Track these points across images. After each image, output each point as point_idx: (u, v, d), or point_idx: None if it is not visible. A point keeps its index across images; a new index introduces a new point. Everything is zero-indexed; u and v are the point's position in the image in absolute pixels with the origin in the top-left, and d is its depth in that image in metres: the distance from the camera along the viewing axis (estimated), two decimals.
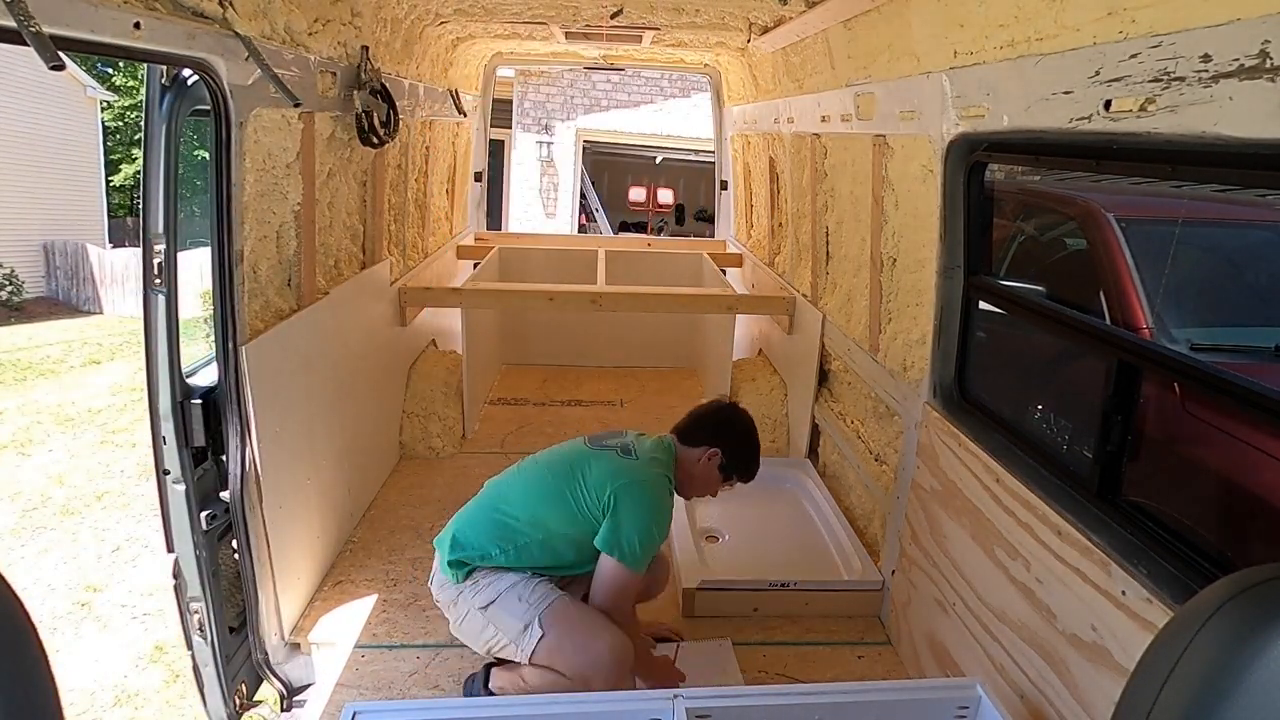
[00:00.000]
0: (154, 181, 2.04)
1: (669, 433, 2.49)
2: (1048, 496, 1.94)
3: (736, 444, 2.45)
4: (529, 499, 2.30)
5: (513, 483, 2.38)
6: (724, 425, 2.48)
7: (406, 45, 3.80)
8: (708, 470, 2.42)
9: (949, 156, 2.37)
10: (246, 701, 2.56)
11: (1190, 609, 0.84)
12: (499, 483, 2.42)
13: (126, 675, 4.32)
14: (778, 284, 4.73)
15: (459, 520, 2.36)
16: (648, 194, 12.49)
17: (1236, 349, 2.49)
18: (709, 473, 2.43)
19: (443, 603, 2.35)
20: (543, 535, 2.26)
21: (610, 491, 2.21)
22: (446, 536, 2.33)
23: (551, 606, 2.21)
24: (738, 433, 2.48)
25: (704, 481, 2.46)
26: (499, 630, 2.22)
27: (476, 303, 4.47)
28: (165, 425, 2.19)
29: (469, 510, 2.38)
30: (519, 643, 2.19)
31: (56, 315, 14.27)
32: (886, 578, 2.89)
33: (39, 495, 6.50)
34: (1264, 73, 1.23)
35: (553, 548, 2.28)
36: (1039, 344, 2.69)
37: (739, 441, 2.46)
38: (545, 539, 2.26)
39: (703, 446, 2.41)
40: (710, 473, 2.43)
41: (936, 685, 2.19)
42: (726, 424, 2.49)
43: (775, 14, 3.54)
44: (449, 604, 2.32)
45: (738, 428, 2.49)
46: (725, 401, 2.60)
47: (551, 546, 2.27)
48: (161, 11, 1.81)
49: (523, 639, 2.19)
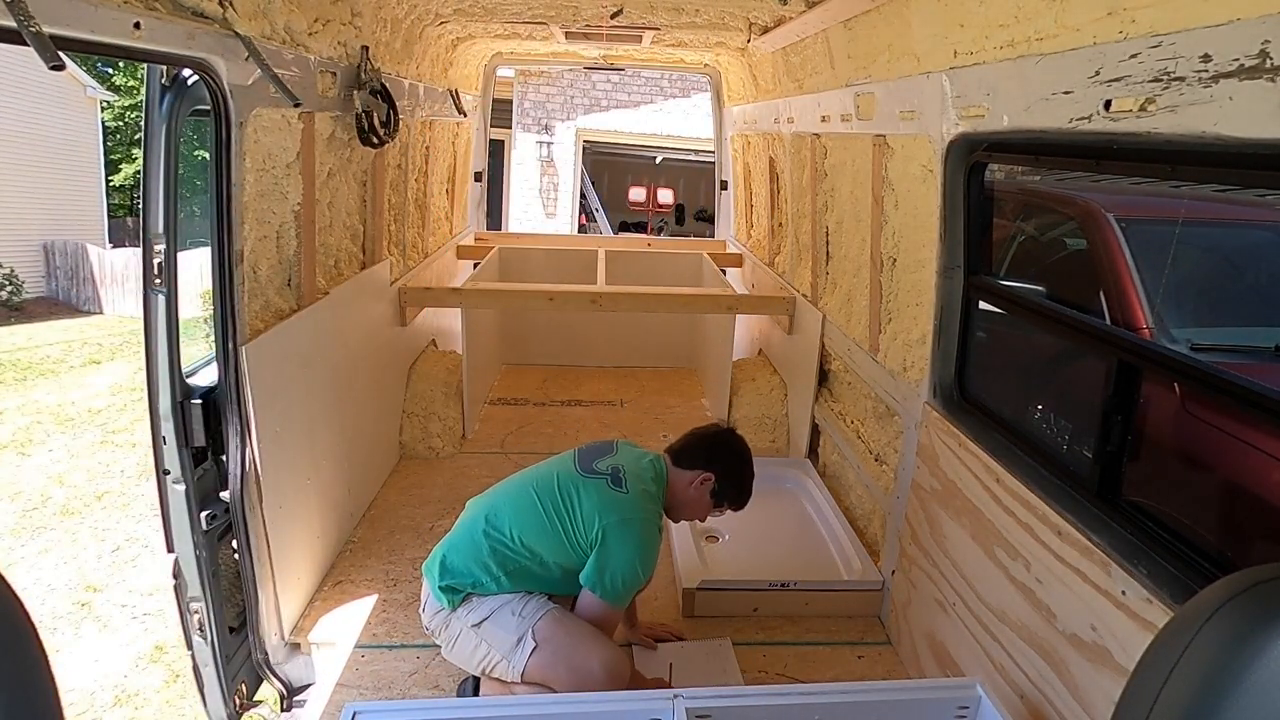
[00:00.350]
0: (154, 181, 2.04)
1: (663, 452, 2.45)
2: (1048, 496, 1.94)
3: (731, 470, 2.39)
4: (519, 525, 2.25)
5: (501, 506, 2.31)
6: (720, 450, 2.42)
7: (406, 45, 3.80)
8: (699, 495, 2.38)
9: (949, 156, 2.37)
10: (246, 701, 2.56)
11: (1190, 609, 0.84)
12: (485, 504, 2.36)
13: (126, 675, 4.32)
14: (778, 284, 4.73)
15: (447, 545, 2.31)
16: (648, 194, 12.49)
17: (1236, 349, 2.49)
18: (700, 497, 2.38)
19: (433, 628, 2.32)
20: (533, 561, 2.24)
21: (599, 529, 2.18)
22: (435, 562, 2.28)
23: (545, 619, 2.19)
24: (733, 459, 2.42)
25: (694, 505, 2.41)
26: (491, 647, 2.19)
27: (476, 303, 4.47)
28: (165, 425, 2.19)
29: (456, 535, 2.33)
30: (511, 658, 2.17)
31: (56, 315, 14.27)
32: (886, 578, 2.89)
33: (39, 495, 6.50)
34: (1264, 73, 1.23)
35: (543, 573, 2.26)
36: (1039, 344, 2.69)
37: (734, 468, 2.40)
38: (536, 564, 2.24)
39: (696, 470, 2.37)
40: (701, 497, 2.38)
41: (936, 685, 2.19)
42: (723, 449, 2.43)
43: (775, 14, 3.54)
44: (440, 628, 2.29)
45: (734, 454, 2.43)
46: (723, 426, 2.55)
47: (542, 572, 2.26)
48: (161, 11, 1.81)
49: (515, 654, 2.16)
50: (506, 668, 2.18)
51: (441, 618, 2.28)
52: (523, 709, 1.86)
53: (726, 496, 2.40)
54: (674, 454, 2.43)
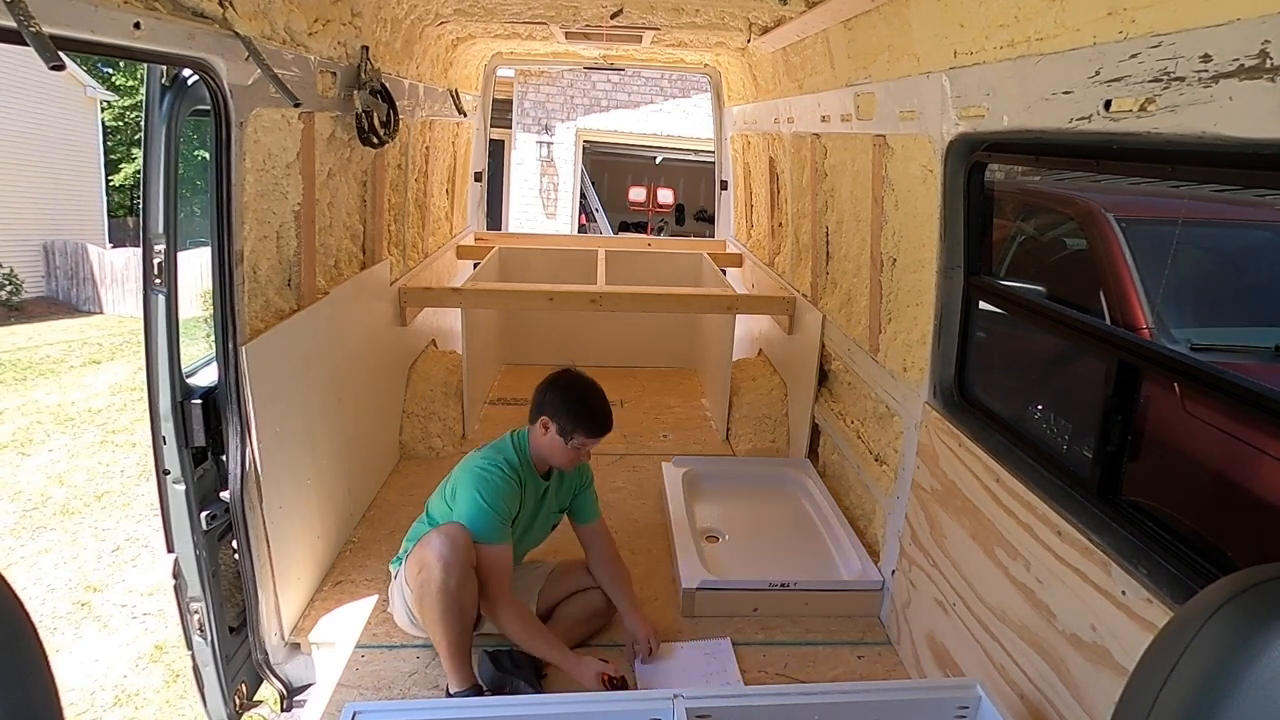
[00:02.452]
0: (154, 181, 2.04)
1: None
2: (1048, 496, 1.94)
3: (561, 406, 2.47)
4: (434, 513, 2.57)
5: (430, 501, 2.64)
6: (546, 392, 2.53)
7: (406, 45, 3.80)
8: (552, 442, 2.50)
9: (949, 156, 2.37)
10: (246, 701, 2.56)
11: (1190, 609, 0.84)
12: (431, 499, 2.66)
13: (126, 675, 4.32)
14: (778, 284, 4.73)
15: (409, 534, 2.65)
16: (648, 194, 12.50)
17: (1236, 349, 2.49)
18: (554, 443, 2.50)
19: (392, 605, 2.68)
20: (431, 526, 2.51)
21: (452, 485, 2.52)
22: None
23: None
24: (560, 395, 2.51)
25: (554, 451, 2.52)
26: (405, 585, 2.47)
27: (476, 303, 4.47)
28: (165, 425, 2.19)
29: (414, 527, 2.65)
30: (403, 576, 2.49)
31: (56, 315, 14.27)
32: (886, 578, 2.89)
33: (39, 495, 6.50)
34: (1264, 73, 1.23)
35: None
36: (1039, 344, 2.69)
37: (563, 403, 2.48)
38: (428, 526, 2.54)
39: (538, 420, 2.51)
40: (554, 442, 2.49)
41: (936, 685, 2.19)
42: (549, 390, 2.53)
43: (775, 14, 3.54)
44: (392, 604, 2.67)
45: (560, 390, 2.52)
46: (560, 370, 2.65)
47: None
48: (161, 11, 1.81)
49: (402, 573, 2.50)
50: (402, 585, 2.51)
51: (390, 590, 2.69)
52: (523, 709, 1.86)
53: (569, 430, 2.47)
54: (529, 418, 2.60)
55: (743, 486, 3.79)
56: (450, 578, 2.28)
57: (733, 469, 4.04)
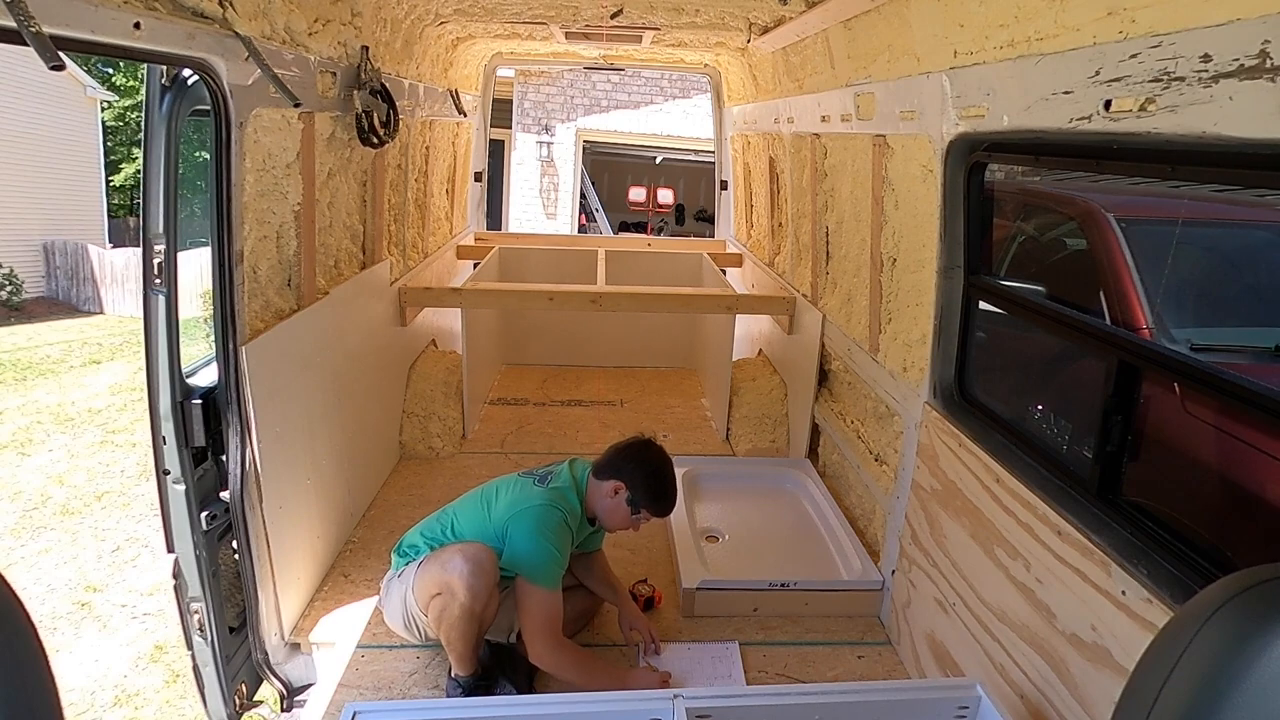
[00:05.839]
0: (154, 181, 2.04)
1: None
2: (1048, 496, 1.94)
3: (641, 480, 2.48)
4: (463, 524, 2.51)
5: (458, 508, 2.59)
6: (630, 461, 2.52)
7: (406, 45, 3.80)
8: (616, 504, 2.49)
9: (949, 156, 2.37)
10: (246, 701, 2.57)
11: (1190, 609, 0.84)
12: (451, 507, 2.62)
13: (126, 675, 4.32)
14: (778, 284, 4.73)
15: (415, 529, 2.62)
16: (648, 194, 12.50)
17: (1236, 349, 2.49)
18: (618, 506, 2.49)
19: (382, 599, 2.64)
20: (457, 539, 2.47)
21: (505, 522, 2.41)
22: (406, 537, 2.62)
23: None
24: (644, 469, 2.50)
25: (614, 515, 2.51)
26: (407, 588, 2.45)
27: (476, 303, 4.47)
28: (165, 425, 2.19)
29: (425, 521, 2.63)
30: (409, 581, 2.45)
31: (56, 315, 14.27)
32: (886, 578, 2.89)
33: (39, 495, 6.50)
34: (1264, 73, 1.23)
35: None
36: (1039, 344, 2.69)
37: (644, 478, 2.49)
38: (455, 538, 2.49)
39: (610, 480, 2.49)
40: (619, 506, 2.49)
41: (936, 685, 2.19)
42: (634, 460, 2.52)
43: (775, 14, 3.54)
44: (384, 598, 2.61)
45: (644, 464, 2.52)
46: (643, 438, 2.63)
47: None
48: (161, 11, 1.81)
49: (412, 577, 2.45)
50: (407, 592, 2.46)
51: (384, 582, 2.63)
52: (523, 709, 1.86)
53: (641, 504, 2.49)
54: (595, 466, 2.56)
55: (743, 486, 3.80)
56: (476, 603, 2.30)
57: (733, 469, 4.04)
